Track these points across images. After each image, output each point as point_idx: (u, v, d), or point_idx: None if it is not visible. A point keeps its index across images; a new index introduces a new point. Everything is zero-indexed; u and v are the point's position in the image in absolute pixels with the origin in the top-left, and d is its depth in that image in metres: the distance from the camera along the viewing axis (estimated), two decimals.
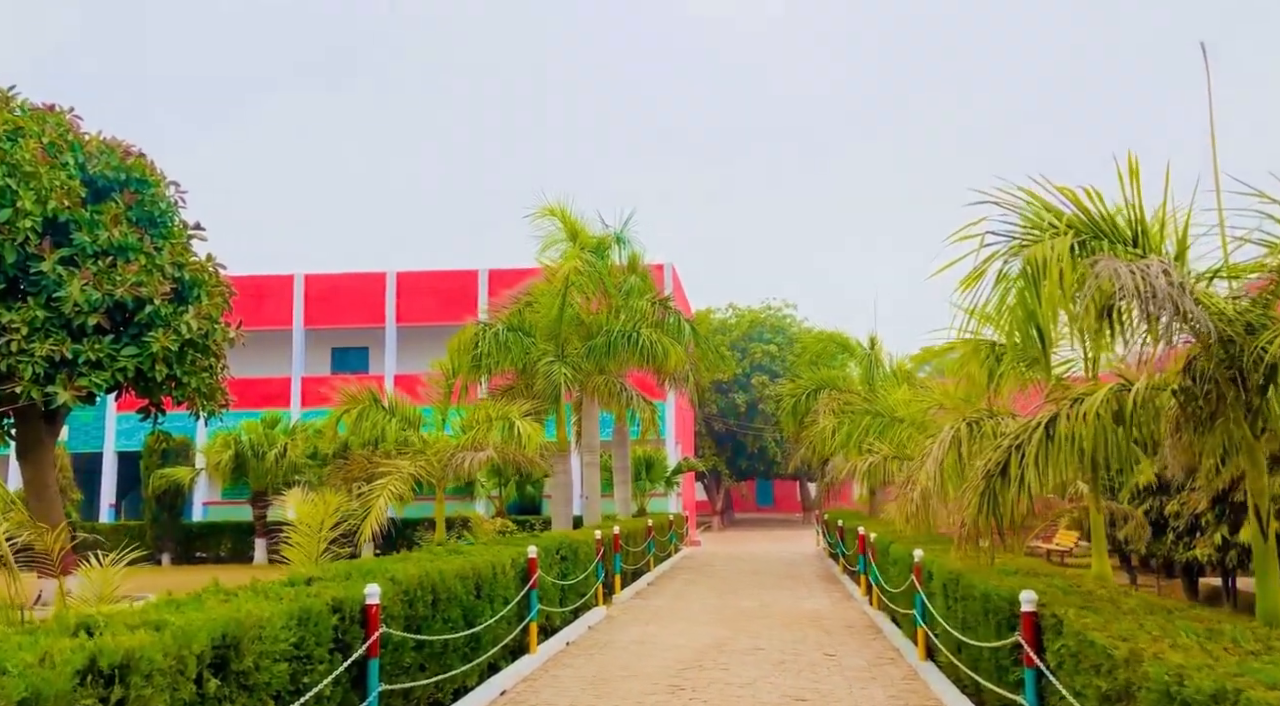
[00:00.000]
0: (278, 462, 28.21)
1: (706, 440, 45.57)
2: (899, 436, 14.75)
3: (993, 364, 8.81)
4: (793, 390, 24.96)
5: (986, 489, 5.91)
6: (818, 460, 24.72)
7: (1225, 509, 14.45)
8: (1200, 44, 5.24)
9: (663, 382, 23.17)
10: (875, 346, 23.79)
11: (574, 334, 19.77)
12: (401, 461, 13.30)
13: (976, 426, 7.89)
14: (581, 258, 18.58)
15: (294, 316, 36.78)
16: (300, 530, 10.20)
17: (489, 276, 35.25)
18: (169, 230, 17.93)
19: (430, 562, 8.47)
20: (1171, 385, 5.29)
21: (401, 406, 14.86)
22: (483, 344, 17.75)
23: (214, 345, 18.18)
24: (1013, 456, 5.76)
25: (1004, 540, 6.38)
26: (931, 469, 7.68)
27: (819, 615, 14.76)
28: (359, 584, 6.85)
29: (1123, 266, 4.80)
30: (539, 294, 19.67)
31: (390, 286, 36.42)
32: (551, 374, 17.77)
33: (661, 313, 21.03)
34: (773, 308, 47.98)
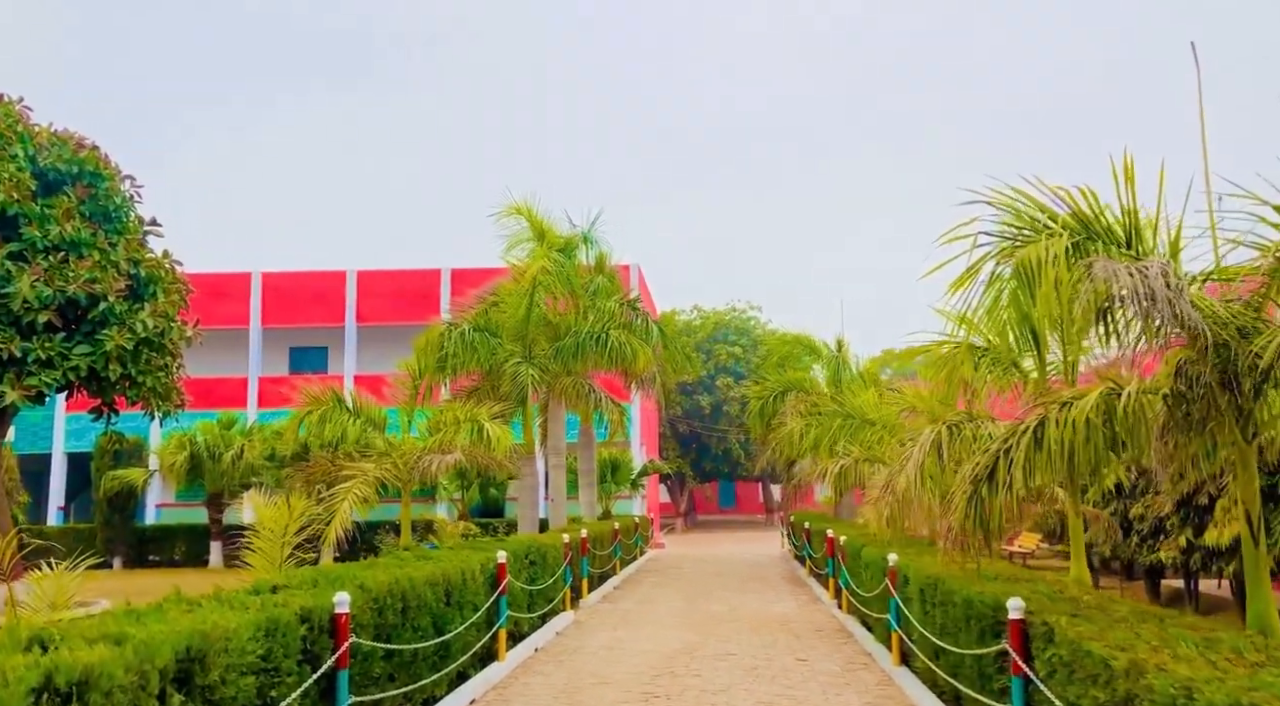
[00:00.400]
0: (234, 464, 27.63)
1: (671, 442, 45.48)
2: (870, 439, 14.72)
3: (970, 368, 8.76)
4: (760, 392, 24.92)
5: (974, 494, 5.82)
6: (784, 462, 24.68)
7: (1189, 512, 14.59)
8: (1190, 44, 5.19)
9: (629, 384, 23.00)
10: (842, 349, 23.82)
11: (541, 335, 19.54)
12: (366, 464, 12.99)
13: (956, 430, 7.82)
14: (550, 257, 18.37)
15: (251, 315, 36.13)
16: (263, 535, 9.88)
17: (452, 276, 34.87)
18: (124, 225, 17.42)
19: (400, 569, 8.23)
20: (1162, 389, 5.23)
21: (366, 407, 14.54)
22: (449, 344, 17.45)
23: (170, 344, 17.70)
24: (1000, 461, 5.67)
25: (990, 546, 6.29)
26: (912, 472, 7.59)
27: (788, 619, 14.68)
28: (328, 592, 6.61)
29: (1121, 268, 4.73)
30: (505, 294, 19.41)
31: (350, 285, 35.90)
32: (519, 375, 17.52)
33: (629, 314, 20.86)
34: (737, 309, 48.04)
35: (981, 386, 8.59)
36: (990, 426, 7.86)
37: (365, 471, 12.69)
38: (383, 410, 15.05)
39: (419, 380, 15.81)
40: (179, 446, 27.90)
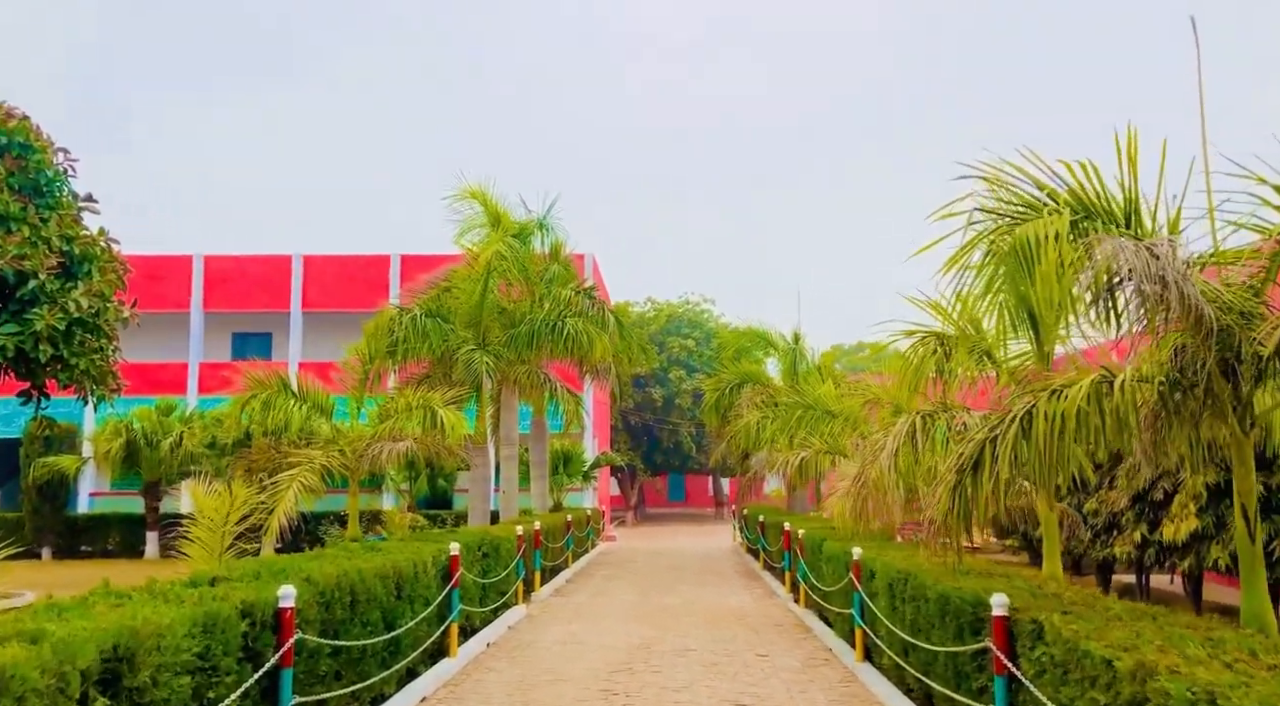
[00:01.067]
0: (173, 452, 26.69)
1: (622, 434, 45.15)
2: (831, 431, 14.55)
3: (941, 357, 8.55)
4: (716, 384, 24.69)
5: (958, 484, 5.58)
6: (739, 455, 24.50)
7: (1144, 508, 14.64)
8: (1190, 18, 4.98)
9: (584, 374, 22.60)
10: (799, 341, 23.67)
11: (495, 322, 19.05)
12: (313, 451, 12.45)
13: (930, 420, 7.60)
14: (505, 242, 17.88)
15: (192, 299, 35.06)
16: (202, 524, 9.34)
17: (402, 262, 34.12)
18: (56, 200, 16.54)
19: (348, 561, 7.80)
20: (1157, 377, 5.02)
21: (313, 392, 13.96)
22: (399, 329, 16.90)
23: (105, 325, 16.89)
24: (986, 450, 5.43)
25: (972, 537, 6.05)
26: (886, 463, 7.35)
27: (744, 612, 14.45)
28: (271, 585, 6.17)
29: (1128, 246, 4.49)
30: (459, 279, 18.89)
31: (296, 270, 34.98)
32: (472, 363, 17.03)
33: (586, 302, 20.45)
34: (691, 302, 47.81)
35: (954, 377, 8.39)
36: (965, 416, 7.65)
37: (311, 459, 12.16)
38: (330, 397, 14.49)
39: (369, 365, 15.25)
40: (114, 433, 26.90)
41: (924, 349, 8.79)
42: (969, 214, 5.30)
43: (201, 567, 8.24)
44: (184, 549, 9.83)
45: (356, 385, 14.79)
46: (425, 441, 13.05)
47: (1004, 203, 5.28)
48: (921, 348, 8.81)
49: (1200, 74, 4.88)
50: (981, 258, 5.45)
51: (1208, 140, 4.84)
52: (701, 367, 43.69)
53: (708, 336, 45.28)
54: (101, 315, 16.70)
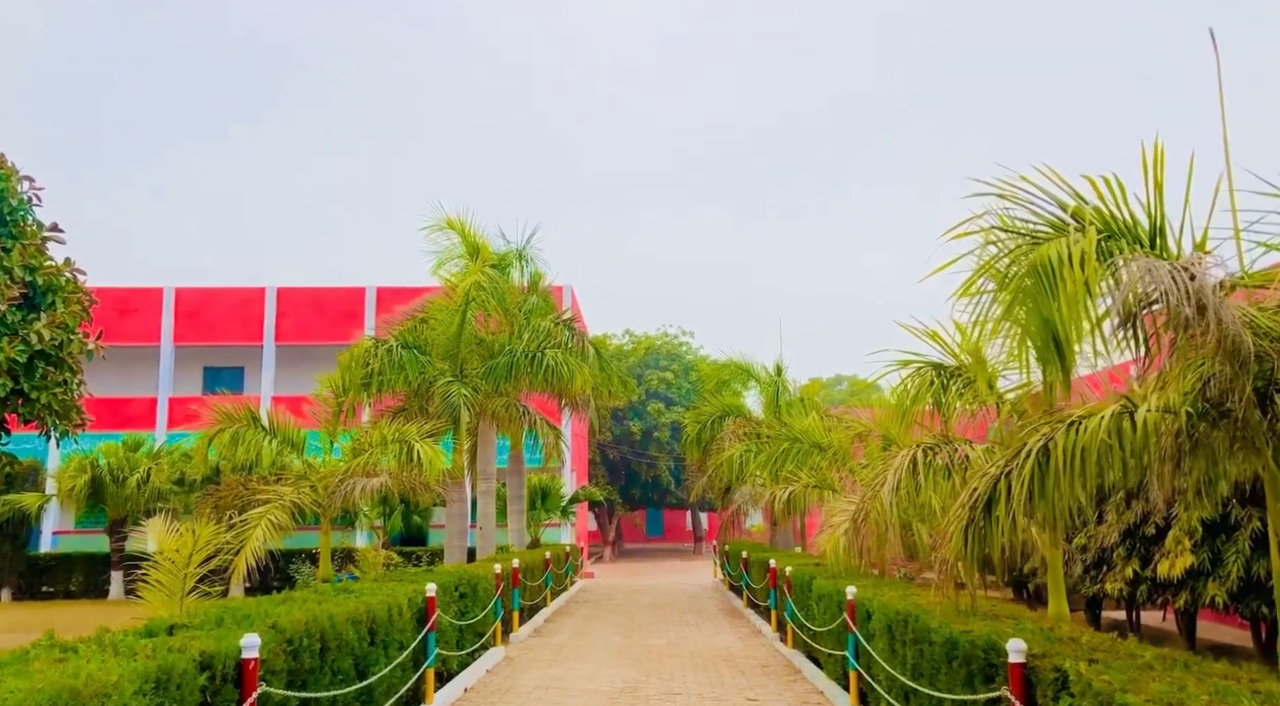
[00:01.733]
0: (139, 489, 26.01)
1: (600, 468, 44.63)
2: (819, 464, 14.21)
3: (939, 388, 8.26)
4: (696, 417, 24.32)
5: (971, 522, 5.25)
6: (720, 489, 24.10)
7: (1136, 543, 14.36)
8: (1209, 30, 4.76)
9: (562, 407, 22.21)
10: (781, 373, 23.39)
11: (473, 353, 18.65)
12: (283, 488, 11.96)
13: (932, 453, 7.29)
14: (485, 273, 17.53)
15: (163, 332, 34.39)
16: (163, 566, 8.85)
17: (377, 294, 33.69)
18: (20, 229, 16.05)
19: (318, 605, 7.33)
20: (1183, 407, 4.74)
21: (284, 426, 13.48)
22: (374, 361, 16.46)
23: (69, 358, 16.38)
24: (1000, 486, 5.12)
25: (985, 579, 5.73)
26: (887, 498, 7.02)
27: (731, 654, 14.00)
28: (234, 633, 5.72)
29: (1161, 266, 4.22)
30: (436, 310, 18.50)
31: (270, 302, 34.43)
32: (450, 395, 16.59)
33: (565, 333, 20.10)
34: (669, 335, 47.53)
35: (953, 408, 8.10)
36: (966, 449, 7.35)
37: (281, 495, 11.66)
38: (302, 431, 14.01)
39: (343, 398, 14.78)
40: (79, 469, 26.18)
41: (920, 379, 8.50)
42: (987, 231, 5.02)
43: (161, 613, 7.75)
44: (144, 593, 9.30)
45: (329, 419, 14.31)
46: (401, 476, 12.59)
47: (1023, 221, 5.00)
48: (918, 378, 8.52)
49: (1221, 89, 4.66)
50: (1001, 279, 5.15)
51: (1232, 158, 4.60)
52: (680, 401, 43.34)
53: (686, 369, 44.98)
54: (65, 347, 16.16)
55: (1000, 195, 4.98)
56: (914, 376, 8.46)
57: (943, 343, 8.25)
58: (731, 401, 24.61)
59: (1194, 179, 4.65)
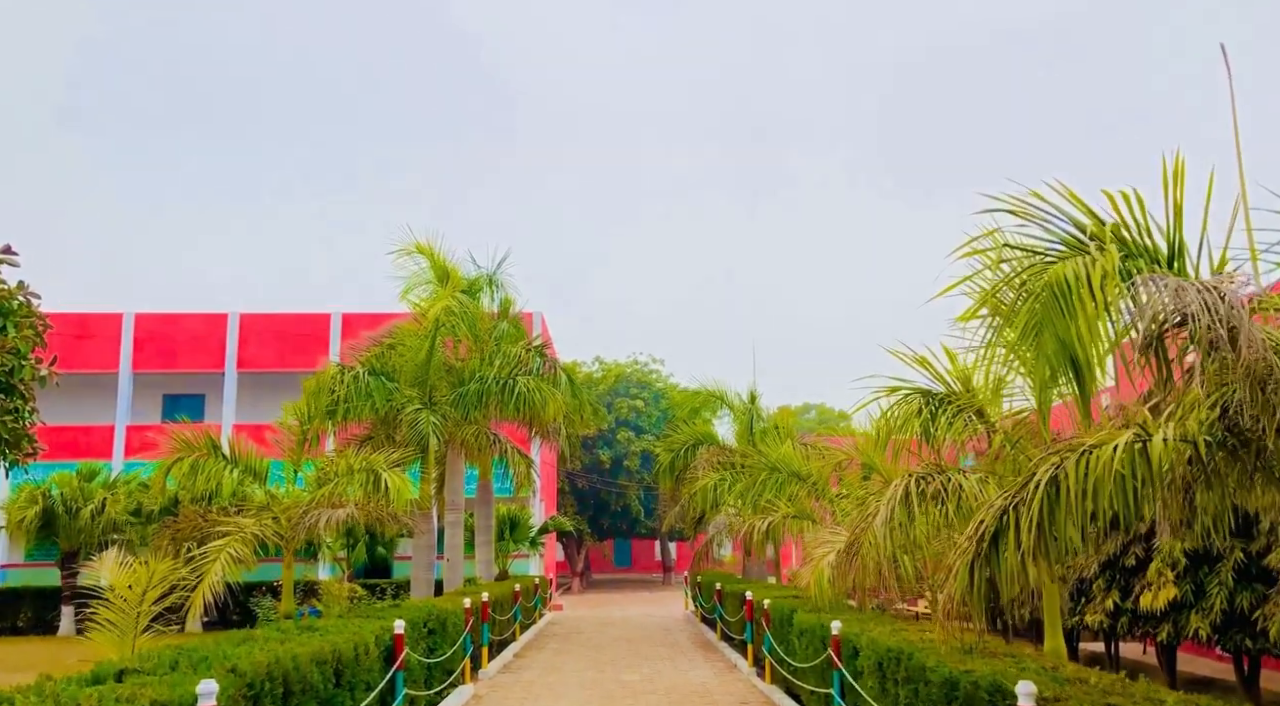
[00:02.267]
0: (94, 520, 25.18)
1: (569, 497, 44.10)
2: (797, 494, 13.94)
3: (927, 417, 8.03)
4: (669, 445, 23.99)
5: (978, 556, 5.00)
6: (692, 519, 23.76)
7: (1115, 574, 14.21)
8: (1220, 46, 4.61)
9: (534, 435, 21.81)
10: (755, 401, 23.16)
11: (442, 380, 18.24)
12: (244, 519, 11.47)
13: (924, 483, 7.05)
14: (455, 298, 17.17)
15: (121, 358, 33.56)
16: (115, 603, 8.35)
17: (343, 321, 33.15)
18: None
19: (281, 645, 6.91)
20: (1200, 435, 4.53)
21: (246, 455, 12.99)
22: (340, 388, 16.00)
23: (20, 385, 15.78)
24: (1010, 518, 4.87)
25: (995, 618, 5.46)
26: (881, 529, 6.76)
27: (708, 689, 13.62)
28: (189, 678, 5.31)
29: (1189, 286, 4.02)
30: (404, 336, 18.09)
31: (232, 329, 33.75)
32: (418, 422, 16.16)
33: (537, 360, 19.76)
34: (640, 363, 47.28)
35: (943, 437, 7.88)
36: (960, 479, 7.11)
37: (242, 527, 11.18)
38: (265, 460, 13.52)
39: (307, 426, 14.30)
40: (29, 500, 25.31)
41: (908, 407, 8.27)
42: (998, 250, 4.81)
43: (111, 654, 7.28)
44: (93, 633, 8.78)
45: (294, 447, 13.83)
46: (368, 507, 12.15)
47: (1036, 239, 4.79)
48: (905, 405, 8.29)
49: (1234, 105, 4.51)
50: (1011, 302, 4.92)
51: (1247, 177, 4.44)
52: (650, 429, 43.01)
53: (657, 397, 44.70)
54: (16, 374, 15.57)
55: (1012, 211, 4.78)
56: (901, 403, 8.23)
57: (932, 368, 8.04)
58: (704, 429, 24.34)
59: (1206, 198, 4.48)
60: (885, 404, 8.66)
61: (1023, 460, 7.46)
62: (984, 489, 7.00)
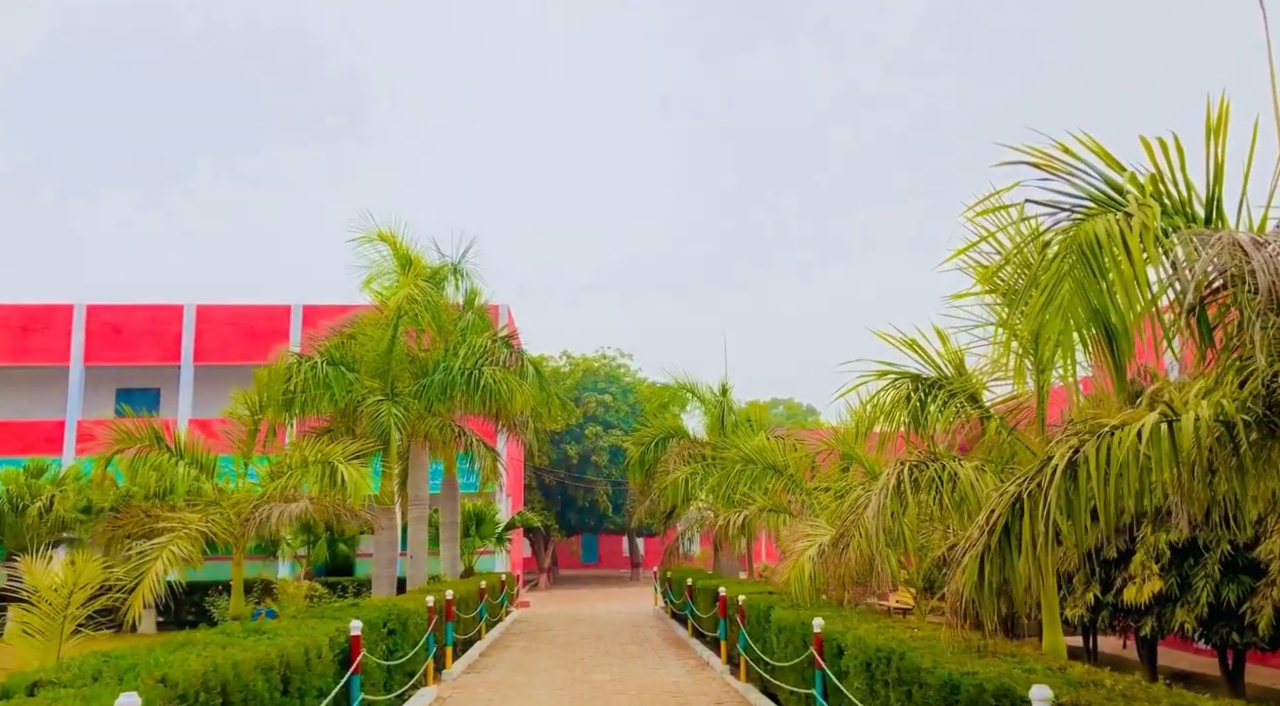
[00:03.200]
0: (42, 518, 24.12)
1: (535, 493, 43.49)
2: (773, 487, 13.49)
3: (916, 403, 7.59)
4: (640, 439, 23.48)
5: (988, 549, 4.55)
6: (662, 514, 23.30)
7: (1096, 567, 13.91)
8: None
9: (500, 428, 21.21)
10: (726, 393, 22.72)
11: (405, 371, 17.60)
12: (190, 515, 10.82)
13: (918, 470, 6.61)
14: (418, 285, 16.53)
15: (72, 351, 32.48)
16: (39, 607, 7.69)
17: (304, 313, 32.29)
18: None
19: (222, 650, 6.33)
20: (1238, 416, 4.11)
21: (192, 448, 12.29)
22: (297, 378, 15.31)
23: None
24: (1025, 505, 4.43)
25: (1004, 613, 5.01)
26: (873, 521, 6.31)
27: (680, 689, 13.14)
28: (109, 690, 4.74)
29: (1246, 241, 3.59)
30: (365, 325, 17.43)
31: (188, 320, 32.79)
32: (379, 414, 15.53)
33: (503, 351, 19.17)
34: (608, 357, 46.72)
35: (934, 423, 7.45)
36: (955, 467, 6.67)
37: (187, 523, 10.53)
38: (213, 454, 12.83)
39: (259, 415, 13.61)
40: None
41: (897, 393, 7.82)
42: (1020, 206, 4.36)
43: (33, 662, 6.66)
44: (13, 640, 8.10)
45: (244, 439, 13.14)
46: (323, 502, 11.52)
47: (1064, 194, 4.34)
48: (893, 391, 7.84)
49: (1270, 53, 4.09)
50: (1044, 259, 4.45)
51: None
52: (619, 424, 42.50)
53: (625, 391, 44.19)
54: None
55: (1034, 164, 4.32)
56: (889, 389, 7.78)
57: (922, 352, 7.60)
58: (674, 423, 23.88)
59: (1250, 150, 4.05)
60: (871, 389, 8.21)
61: (1019, 447, 7.03)
62: (980, 478, 6.58)
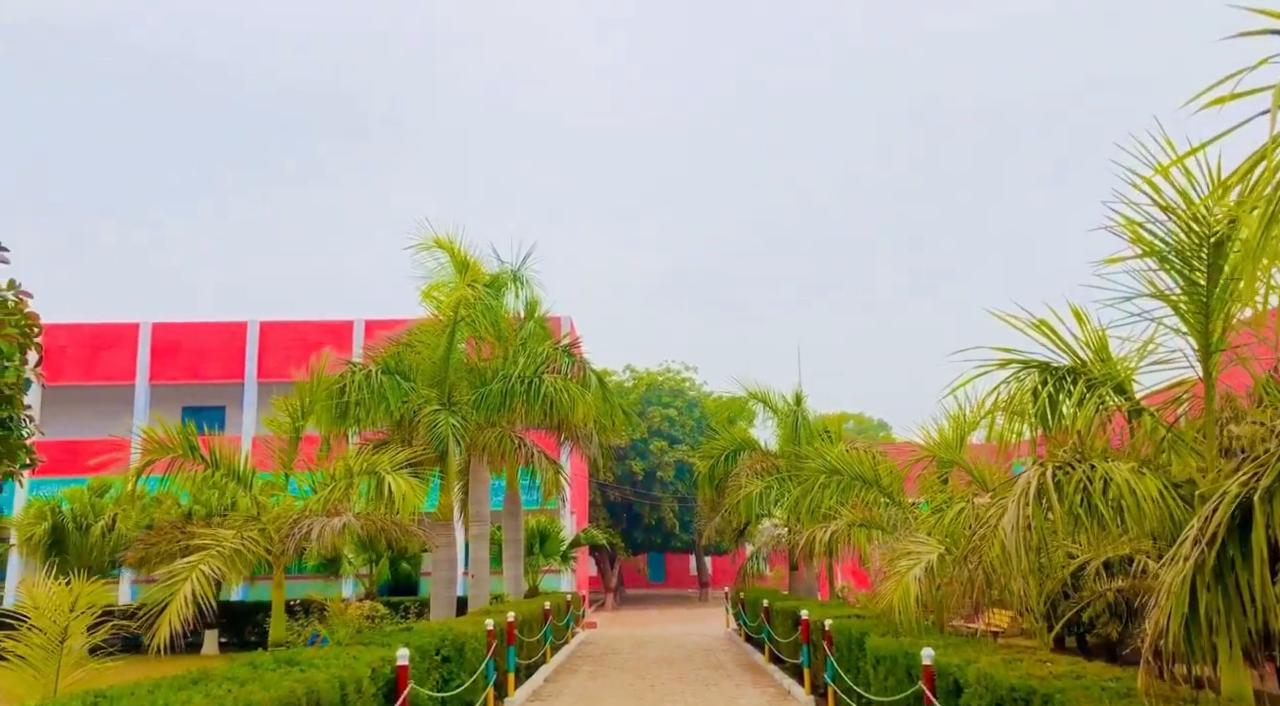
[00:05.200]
0: (105, 536, 23.93)
1: (601, 510, 42.51)
2: (865, 499, 12.30)
3: (1044, 400, 6.41)
4: (708, 451, 22.34)
5: (1199, 570, 3.45)
6: (733, 531, 22.14)
7: None
8: None
9: (562, 441, 20.30)
10: (800, 402, 21.49)
11: (463, 380, 16.78)
12: (224, 532, 10.07)
13: (1065, 472, 5.47)
14: (473, 287, 15.72)
15: (138, 369, 32.53)
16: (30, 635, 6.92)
17: (366, 328, 31.87)
18: None
19: (239, 688, 5.44)
20: None
21: (228, 457, 11.53)
22: (351, 388, 14.57)
23: (6, 389, 14.54)
24: (1258, 511, 3.32)
25: (1231, 656, 3.87)
26: (1010, 538, 5.18)
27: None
28: None
29: None
30: (422, 333, 16.67)
31: (252, 337, 32.65)
32: (437, 424, 14.70)
33: (565, 361, 18.27)
34: (672, 370, 45.66)
35: (1071, 419, 6.27)
36: (1108, 467, 5.51)
37: (221, 540, 9.76)
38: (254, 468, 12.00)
39: (300, 422, 12.84)
40: (38, 516, 24.15)
41: (1020, 386, 6.64)
42: None
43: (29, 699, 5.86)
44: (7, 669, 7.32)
45: (285, 449, 12.38)
46: (369, 517, 10.66)
47: None
48: (1016, 383, 6.67)
49: None
50: None
51: None
52: (685, 438, 41.38)
53: (690, 405, 43.07)
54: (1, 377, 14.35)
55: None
56: (1012, 381, 6.62)
57: (1054, 335, 6.43)
58: (744, 435, 22.71)
59: None
60: (985, 386, 7.02)
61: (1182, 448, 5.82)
62: (1138, 481, 5.40)
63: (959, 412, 11.12)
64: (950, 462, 11.24)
